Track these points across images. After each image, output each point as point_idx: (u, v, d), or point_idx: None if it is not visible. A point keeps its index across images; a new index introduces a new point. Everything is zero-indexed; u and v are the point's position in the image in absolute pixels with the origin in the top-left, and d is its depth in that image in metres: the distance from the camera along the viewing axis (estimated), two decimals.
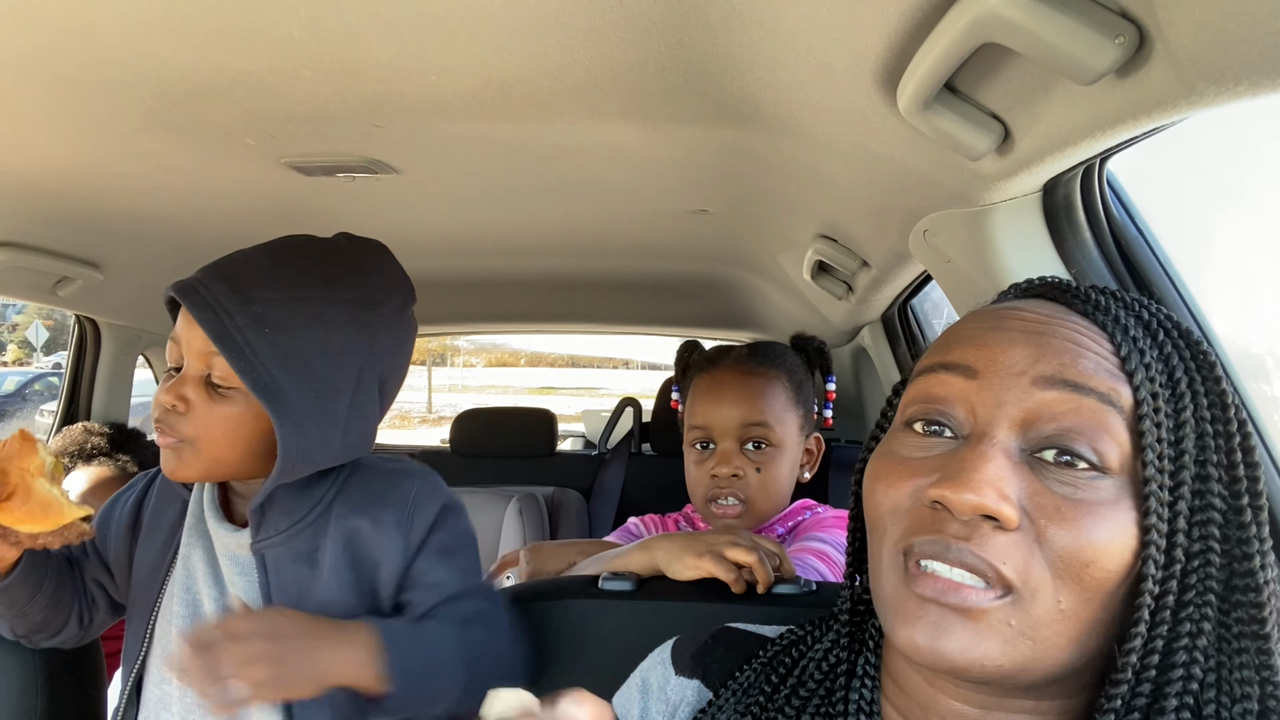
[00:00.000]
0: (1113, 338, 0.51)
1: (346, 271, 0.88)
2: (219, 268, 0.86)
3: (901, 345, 1.85)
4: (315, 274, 0.86)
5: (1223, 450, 0.50)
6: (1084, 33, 0.52)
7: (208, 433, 0.85)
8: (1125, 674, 0.48)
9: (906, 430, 0.55)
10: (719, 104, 0.89)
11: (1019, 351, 0.51)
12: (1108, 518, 0.47)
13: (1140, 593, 0.48)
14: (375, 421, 0.92)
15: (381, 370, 0.90)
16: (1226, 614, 0.49)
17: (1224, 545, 0.49)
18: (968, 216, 0.89)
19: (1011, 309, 0.55)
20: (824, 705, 0.60)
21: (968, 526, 0.48)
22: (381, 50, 0.78)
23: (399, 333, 0.91)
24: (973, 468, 0.48)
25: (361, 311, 0.87)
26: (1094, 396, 0.49)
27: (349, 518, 0.89)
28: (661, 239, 1.71)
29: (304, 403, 0.83)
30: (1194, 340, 0.53)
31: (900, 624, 0.50)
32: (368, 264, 0.91)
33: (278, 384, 0.81)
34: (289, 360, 0.82)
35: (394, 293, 0.92)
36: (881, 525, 0.54)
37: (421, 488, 0.92)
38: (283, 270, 0.85)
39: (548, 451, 2.62)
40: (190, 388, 0.84)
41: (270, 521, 0.88)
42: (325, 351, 0.84)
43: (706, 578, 0.92)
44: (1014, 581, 0.47)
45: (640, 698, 0.69)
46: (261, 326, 0.81)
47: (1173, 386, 0.50)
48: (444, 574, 0.89)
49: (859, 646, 0.62)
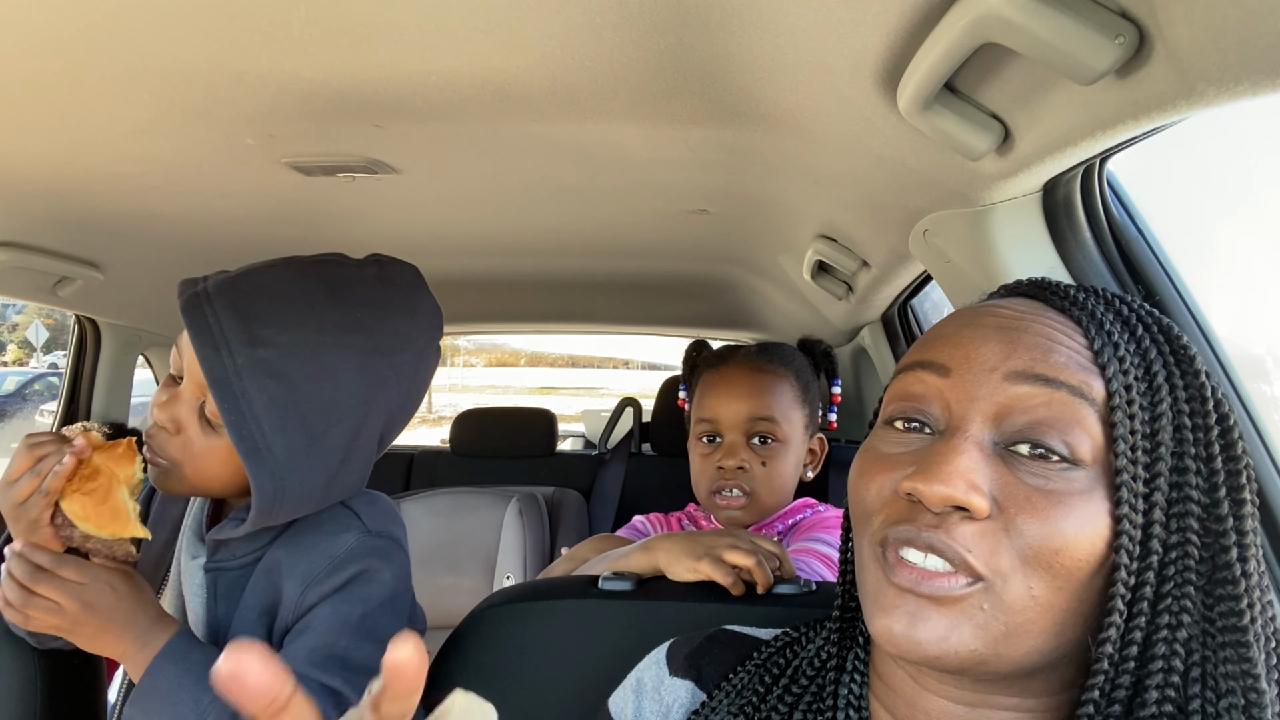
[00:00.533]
0: (1086, 332, 0.52)
1: (369, 314, 0.82)
2: (234, 289, 0.80)
3: (901, 345, 1.85)
4: (334, 315, 0.80)
5: (1200, 443, 0.50)
6: (1084, 33, 0.52)
7: (195, 460, 0.82)
8: (1101, 663, 0.48)
9: (887, 428, 0.56)
10: (719, 104, 0.89)
11: (991, 348, 0.52)
12: (1077, 507, 0.48)
13: (1114, 582, 0.48)
14: (368, 468, 0.88)
15: (386, 420, 0.86)
16: (1210, 608, 0.49)
17: (1204, 539, 0.50)
18: (968, 216, 0.89)
19: (988, 307, 0.57)
20: (815, 701, 0.61)
21: (939, 517, 0.49)
22: (381, 50, 0.78)
23: (416, 379, 0.87)
24: (944, 460, 0.49)
25: (378, 359, 0.82)
26: (1065, 390, 0.50)
27: (278, 549, 0.87)
28: (661, 239, 1.71)
29: (290, 460, 0.78)
30: (1173, 335, 0.53)
31: (878, 614, 0.51)
32: (394, 302, 0.85)
33: (266, 441, 0.77)
34: (284, 414, 0.77)
35: (420, 333, 0.87)
36: (862, 519, 0.55)
37: (354, 550, 0.86)
38: (299, 307, 0.80)
39: (548, 451, 2.62)
40: (184, 412, 0.82)
41: (228, 548, 0.87)
42: (327, 407, 0.79)
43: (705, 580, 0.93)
44: (980, 570, 0.48)
45: (634, 698, 0.69)
46: (263, 375, 0.76)
47: (1149, 380, 0.51)
48: (315, 639, 0.83)
49: (849, 643, 0.63)
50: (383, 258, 0.88)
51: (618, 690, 0.71)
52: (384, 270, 0.87)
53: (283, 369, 0.77)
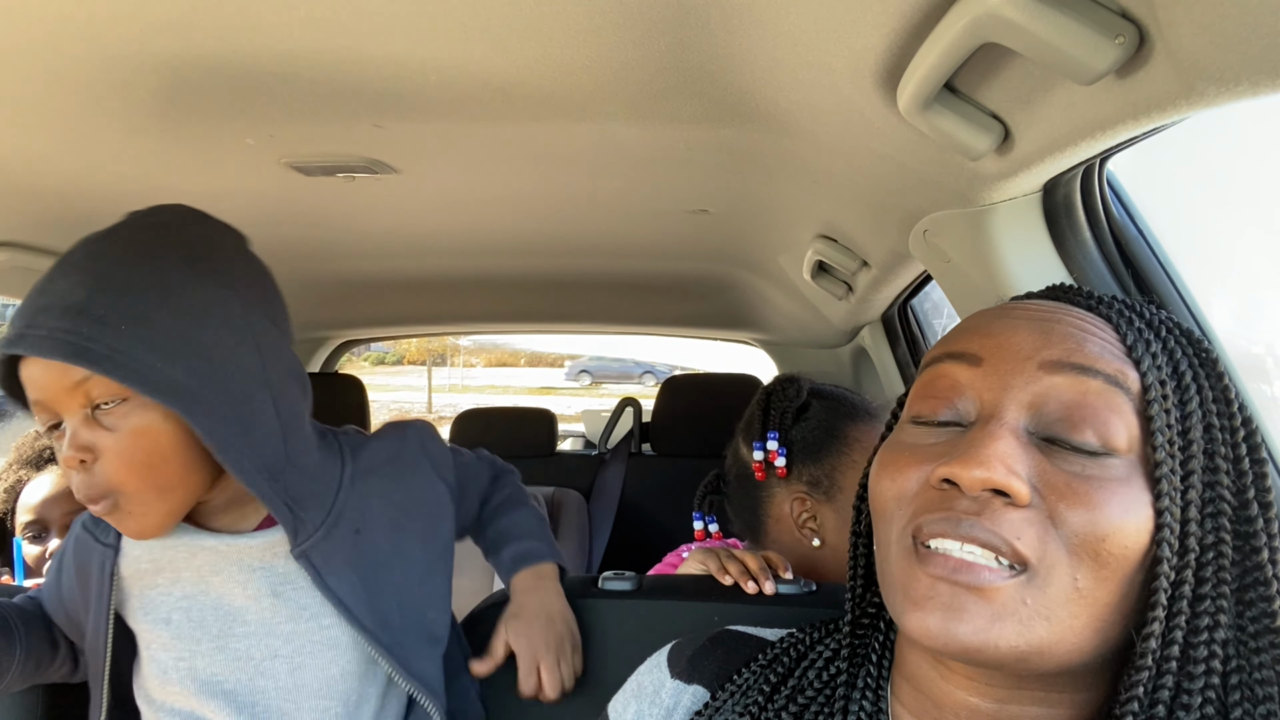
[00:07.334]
0: (1118, 327, 0.51)
1: (155, 240, 0.78)
2: (29, 309, 0.73)
3: (901, 345, 1.85)
4: (136, 260, 0.75)
5: (1228, 444, 0.50)
6: (1084, 33, 0.52)
7: (129, 466, 0.74)
8: (1145, 659, 0.47)
9: (914, 423, 0.54)
10: (719, 104, 0.89)
11: (1025, 337, 0.51)
12: (1120, 493, 0.47)
13: (1156, 576, 0.47)
14: (298, 364, 0.83)
15: (258, 312, 0.80)
16: (1241, 613, 0.48)
17: (1235, 540, 0.49)
18: (968, 216, 0.89)
19: (1015, 303, 0.56)
20: (821, 713, 0.59)
21: (978, 502, 0.47)
22: (381, 50, 0.78)
23: (250, 268, 0.83)
24: (982, 444, 0.48)
25: (201, 265, 0.77)
26: (1101, 379, 0.49)
27: (375, 479, 0.89)
28: (662, 239, 1.70)
29: (202, 377, 0.73)
30: (1196, 339, 0.53)
31: (910, 608, 0.48)
32: (171, 222, 0.81)
33: (164, 376, 0.71)
34: (158, 345, 0.71)
35: (224, 234, 0.83)
36: (888, 514, 0.53)
37: (421, 434, 0.97)
38: (97, 275, 0.74)
39: (548, 451, 2.62)
40: (85, 433, 0.73)
41: (306, 519, 0.81)
42: (190, 319, 0.74)
43: (704, 575, 0.94)
44: (1029, 557, 0.46)
45: (635, 701, 0.69)
46: (114, 326, 0.70)
47: (1178, 378, 0.50)
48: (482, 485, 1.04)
49: (861, 660, 0.61)
50: (133, 213, 0.83)
51: (617, 695, 0.71)
52: (135, 215, 0.82)
53: (121, 315, 0.71)
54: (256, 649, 0.83)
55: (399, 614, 0.85)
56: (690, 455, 2.44)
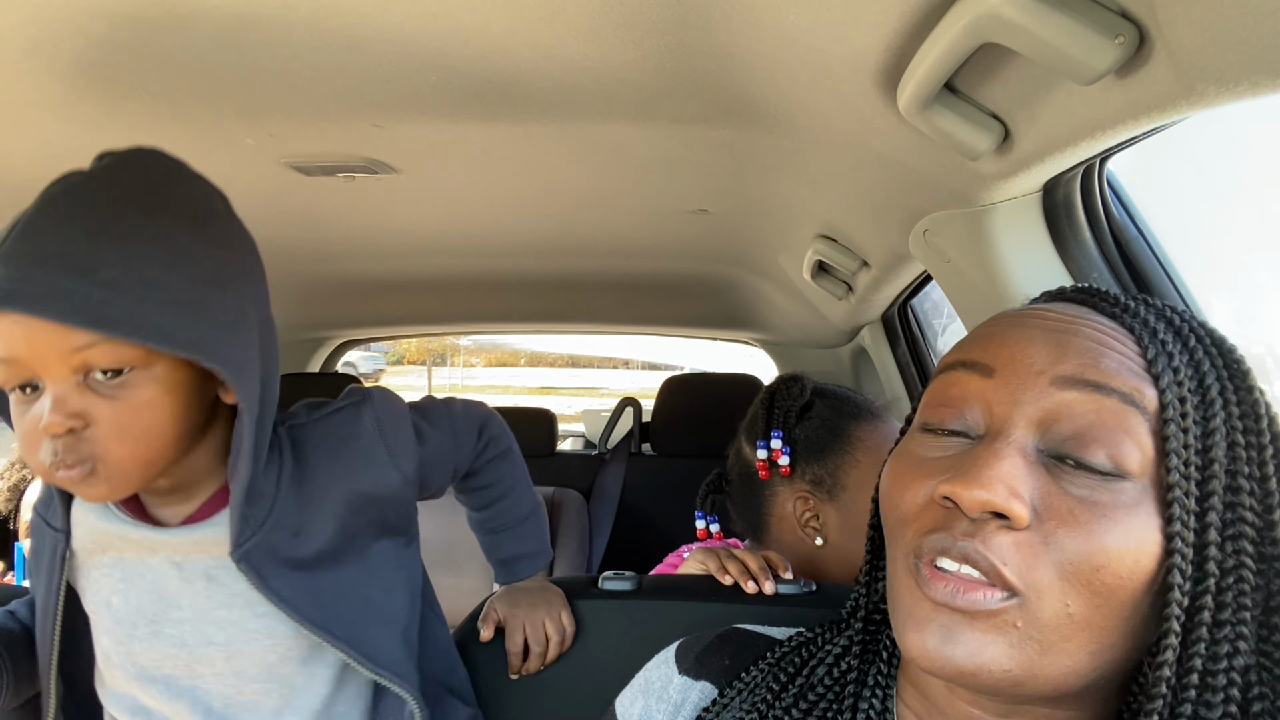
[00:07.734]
0: (1139, 340, 0.50)
1: (145, 194, 0.73)
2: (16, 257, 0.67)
3: (901, 345, 1.85)
4: (135, 216, 0.71)
5: (1254, 462, 0.48)
6: (1084, 33, 0.52)
7: (123, 437, 0.70)
8: (1159, 687, 0.46)
9: (924, 431, 0.54)
10: (719, 104, 0.89)
11: (1039, 350, 0.50)
12: (1123, 521, 0.46)
13: (1168, 603, 0.46)
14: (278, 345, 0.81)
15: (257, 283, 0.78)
16: (1265, 638, 0.47)
17: (1259, 563, 0.47)
18: (968, 216, 0.89)
19: (1034, 309, 0.54)
20: (830, 711, 0.59)
21: (975, 524, 0.47)
22: (381, 50, 0.78)
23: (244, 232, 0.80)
24: (985, 464, 0.47)
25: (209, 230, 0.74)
26: (1116, 397, 0.47)
27: (319, 475, 0.81)
28: (661, 239, 1.71)
29: (224, 339, 0.71)
30: (1227, 348, 0.51)
31: (910, 629, 0.49)
32: (155, 173, 0.77)
33: (191, 335, 0.68)
34: (178, 305, 0.68)
35: (211, 193, 0.79)
36: (896, 529, 0.53)
37: (379, 413, 0.85)
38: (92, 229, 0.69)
39: (548, 451, 2.62)
40: (76, 399, 0.69)
41: (251, 515, 0.76)
42: (200, 278, 0.71)
43: (704, 575, 0.94)
44: (1014, 583, 0.46)
45: (642, 698, 0.69)
46: (129, 290, 0.67)
47: (1203, 393, 0.48)
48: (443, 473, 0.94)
49: (871, 657, 0.61)
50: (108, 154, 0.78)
51: (625, 691, 0.71)
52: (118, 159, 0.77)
53: (133, 278, 0.68)
54: (191, 635, 0.80)
55: (348, 606, 0.82)
56: (690, 455, 2.44)
